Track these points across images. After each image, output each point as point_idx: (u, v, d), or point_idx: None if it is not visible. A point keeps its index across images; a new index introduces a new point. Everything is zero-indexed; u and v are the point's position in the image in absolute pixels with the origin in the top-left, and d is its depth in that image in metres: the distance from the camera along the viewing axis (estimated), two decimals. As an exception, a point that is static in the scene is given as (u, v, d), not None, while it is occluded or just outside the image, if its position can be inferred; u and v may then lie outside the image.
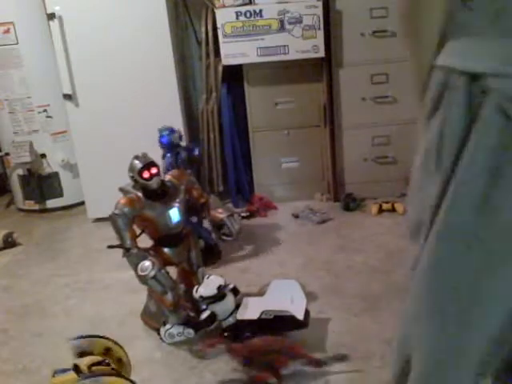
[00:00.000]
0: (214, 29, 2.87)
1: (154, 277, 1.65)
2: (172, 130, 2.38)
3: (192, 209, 1.96)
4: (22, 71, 3.09)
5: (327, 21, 2.80)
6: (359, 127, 2.89)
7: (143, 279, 1.66)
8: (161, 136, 2.37)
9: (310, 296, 1.96)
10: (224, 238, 1.91)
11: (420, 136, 0.81)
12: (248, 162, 3.06)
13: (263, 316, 1.64)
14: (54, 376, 1.29)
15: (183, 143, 2.47)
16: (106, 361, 1.31)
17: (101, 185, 2.80)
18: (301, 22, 2.73)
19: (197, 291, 1.70)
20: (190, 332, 1.70)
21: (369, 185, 2.89)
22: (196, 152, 2.53)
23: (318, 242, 2.45)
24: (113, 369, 1.31)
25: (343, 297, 1.97)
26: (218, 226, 1.90)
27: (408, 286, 0.83)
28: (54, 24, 2.78)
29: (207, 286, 1.69)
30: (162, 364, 1.65)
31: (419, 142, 0.81)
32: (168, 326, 1.71)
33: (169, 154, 2.37)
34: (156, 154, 1.78)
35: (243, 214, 2.80)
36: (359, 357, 1.62)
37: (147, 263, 1.65)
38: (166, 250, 1.80)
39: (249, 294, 2.02)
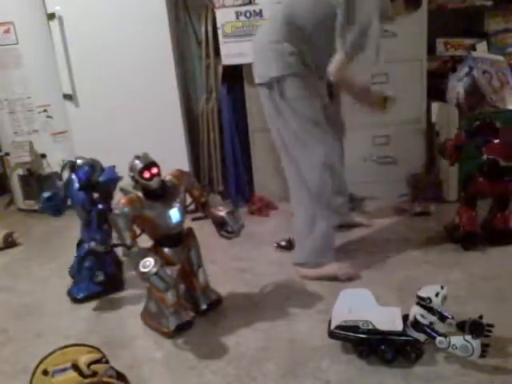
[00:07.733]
0: (214, 29, 2.88)
1: (156, 273, 1.62)
2: (92, 167, 2.08)
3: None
4: (22, 71, 3.09)
5: (327, 21, 2.80)
6: (359, 127, 2.89)
7: (145, 276, 1.63)
8: (78, 169, 2.06)
9: (311, 296, 1.96)
10: (225, 235, 1.89)
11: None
12: (248, 161, 3.07)
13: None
14: (53, 376, 1.29)
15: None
16: (104, 359, 1.31)
17: (101, 185, 2.80)
18: (301, 21, 2.73)
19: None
20: None
21: (369, 185, 2.88)
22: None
23: (318, 242, 2.45)
24: (111, 367, 1.31)
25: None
26: (220, 223, 1.89)
27: None
28: (54, 24, 2.78)
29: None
30: (162, 364, 1.65)
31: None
32: None
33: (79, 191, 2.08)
34: (155, 155, 1.77)
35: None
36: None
37: (149, 260, 1.64)
38: (166, 249, 1.80)
39: (249, 294, 2.02)
